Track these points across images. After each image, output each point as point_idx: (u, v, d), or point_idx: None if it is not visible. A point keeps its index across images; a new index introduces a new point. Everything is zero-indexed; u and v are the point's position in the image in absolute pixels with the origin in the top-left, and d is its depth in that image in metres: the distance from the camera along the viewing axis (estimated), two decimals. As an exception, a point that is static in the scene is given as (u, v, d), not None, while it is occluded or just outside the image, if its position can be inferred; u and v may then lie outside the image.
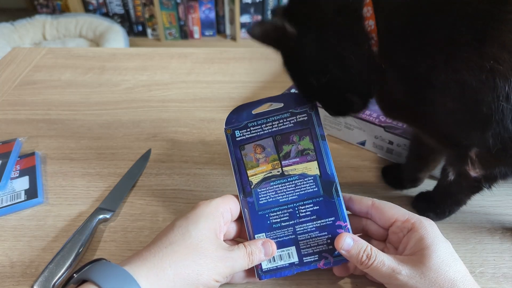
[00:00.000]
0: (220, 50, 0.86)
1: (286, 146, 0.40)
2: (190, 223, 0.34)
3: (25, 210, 0.49)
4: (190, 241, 0.33)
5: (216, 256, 0.33)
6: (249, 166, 0.40)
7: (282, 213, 0.38)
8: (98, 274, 0.30)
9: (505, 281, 0.40)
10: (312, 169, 0.39)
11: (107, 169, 0.55)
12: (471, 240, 0.45)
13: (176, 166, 0.55)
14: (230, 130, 0.41)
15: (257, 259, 0.36)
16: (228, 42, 2.25)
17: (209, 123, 0.64)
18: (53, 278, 0.39)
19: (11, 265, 0.42)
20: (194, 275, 0.32)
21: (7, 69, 0.79)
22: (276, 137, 0.40)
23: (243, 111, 0.41)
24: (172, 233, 0.34)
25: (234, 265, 0.34)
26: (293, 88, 0.63)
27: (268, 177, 0.39)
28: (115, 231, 0.46)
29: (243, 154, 0.40)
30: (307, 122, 0.40)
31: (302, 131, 0.40)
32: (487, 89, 0.31)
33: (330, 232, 0.37)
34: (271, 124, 0.40)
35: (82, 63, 0.81)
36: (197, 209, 0.36)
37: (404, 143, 0.53)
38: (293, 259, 0.37)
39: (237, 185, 0.39)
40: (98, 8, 2.24)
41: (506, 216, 0.48)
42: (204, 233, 0.34)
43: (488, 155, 0.36)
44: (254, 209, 0.38)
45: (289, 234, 0.38)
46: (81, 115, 0.65)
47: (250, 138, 0.40)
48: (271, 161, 0.40)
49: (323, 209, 0.38)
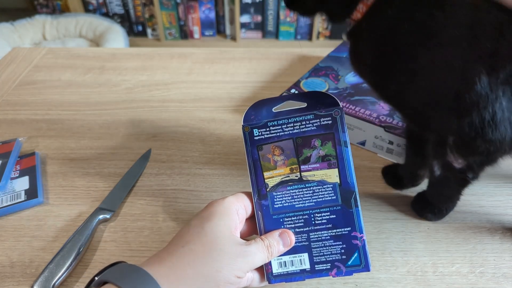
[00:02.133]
0: (220, 50, 0.86)
1: (306, 150, 0.38)
2: (204, 221, 0.34)
3: (25, 210, 0.49)
4: (206, 239, 0.33)
5: (234, 251, 0.33)
6: (266, 167, 0.38)
7: (297, 219, 0.37)
8: (118, 275, 0.30)
9: (505, 281, 0.40)
10: (332, 176, 0.37)
11: (107, 169, 0.55)
12: (471, 240, 0.45)
13: (176, 166, 0.55)
14: (248, 127, 0.38)
15: (276, 250, 0.35)
16: (228, 42, 2.25)
17: (209, 123, 0.64)
18: (53, 278, 0.39)
19: (11, 265, 0.42)
20: (213, 272, 0.32)
21: (7, 69, 0.79)
22: (296, 140, 0.38)
23: (263, 108, 0.38)
24: (187, 233, 0.34)
25: (254, 259, 0.34)
26: (294, 88, 0.63)
27: (285, 181, 0.38)
28: (115, 231, 0.46)
29: (260, 155, 0.38)
30: (331, 126, 0.37)
31: (325, 136, 0.37)
32: (472, 76, 0.31)
33: (345, 242, 0.36)
34: (293, 125, 0.38)
35: (82, 63, 0.81)
36: (210, 208, 0.35)
37: (404, 143, 0.53)
38: (305, 265, 0.37)
39: (251, 186, 0.38)
40: (98, 8, 2.24)
41: (506, 216, 0.48)
42: (220, 229, 0.34)
43: (465, 143, 0.36)
44: (268, 213, 0.37)
45: (302, 240, 0.37)
46: (81, 115, 0.66)
47: (269, 138, 0.38)
48: (289, 164, 0.38)
49: (340, 218, 0.37)
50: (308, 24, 2.15)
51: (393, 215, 0.48)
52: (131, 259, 0.43)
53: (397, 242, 0.45)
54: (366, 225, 0.46)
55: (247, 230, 0.39)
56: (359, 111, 0.57)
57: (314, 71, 0.67)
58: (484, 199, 0.50)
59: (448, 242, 0.44)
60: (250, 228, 0.39)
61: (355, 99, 0.59)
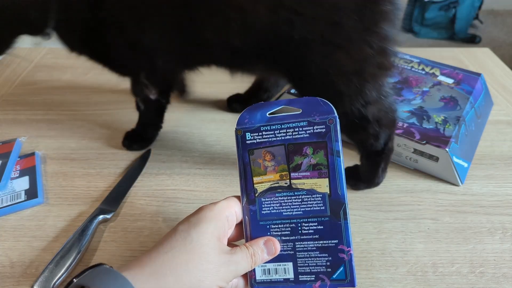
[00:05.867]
0: (220, 50, 0.85)
1: (297, 158, 0.37)
2: (192, 227, 0.33)
3: (25, 210, 0.49)
4: (192, 246, 0.32)
5: (219, 260, 0.33)
6: (256, 172, 0.37)
7: (283, 227, 0.37)
8: (96, 280, 0.30)
9: (505, 281, 0.40)
10: (322, 186, 0.36)
11: (107, 169, 0.55)
12: (471, 240, 0.45)
13: (176, 166, 0.55)
14: (241, 131, 0.38)
15: (260, 259, 0.35)
16: (228, 42, 2.24)
17: (209, 123, 0.64)
18: (53, 278, 0.39)
19: (11, 265, 0.42)
20: (196, 281, 0.31)
21: (7, 69, 0.79)
22: (288, 146, 0.37)
23: (258, 112, 0.38)
24: (173, 238, 0.33)
25: (238, 268, 0.34)
26: (292, 89, 0.63)
27: (274, 187, 0.37)
28: (115, 231, 0.46)
29: (251, 159, 0.38)
30: (324, 134, 0.36)
31: (317, 144, 0.36)
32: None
33: (331, 254, 0.35)
34: (285, 131, 0.37)
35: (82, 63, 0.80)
36: (200, 213, 0.35)
37: (404, 143, 0.53)
38: (289, 275, 0.36)
39: (241, 190, 0.38)
40: (98, 8, 2.24)
41: (506, 216, 0.48)
42: (207, 237, 0.33)
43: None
44: (255, 218, 0.37)
45: (288, 249, 0.36)
46: (81, 115, 0.66)
47: (261, 143, 0.37)
48: (279, 171, 0.37)
49: (327, 230, 0.36)
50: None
51: (393, 215, 0.48)
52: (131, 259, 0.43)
53: (397, 242, 0.44)
54: (366, 225, 0.46)
55: (235, 234, 0.38)
56: (359, 111, 0.57)
57: (314, 71, 0.67)
58: (484, 199, 0.50)
59: (448, 242, 0.44)
60: (238, 233, 0.38)
61: (355, 99, 0.59)
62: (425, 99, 0.59)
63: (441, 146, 0.50)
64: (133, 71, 0.53)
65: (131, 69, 0.54)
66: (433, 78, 0.63)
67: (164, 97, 0.56)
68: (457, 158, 0.51)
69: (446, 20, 2.34)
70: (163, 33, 0.48)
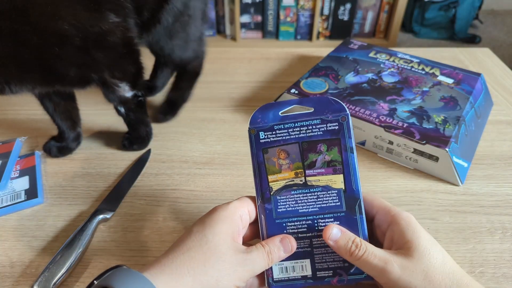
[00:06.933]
0: (220, 50, 0.86)
1: (312, 155, 0.38)
2: (206, 227, 0.34)
3: (25, 210, 0.49)
4: (207, 246, 0.33)
5: (235, 260, 0.33)
6: (270, 171, 0.38)
7: (300, 224, 0.37)
8: (118, 281, 0.30)
9: (505, 281, 0.40)
10: (337, 182, 0.37)
11: (107, 169, 0.55)
12: (471, 240, 0.45)
13: (176, 166, 0.55)
14: (254, 130, 0.38)
15: (276, 257, 0.35)
16: (228, 42, 2.25)
17: (209, 123, 0.64)
18: (53, 278, 0.39)
19: (11, 265, 0.42)
20: (213, 281, 0.31)
21: (7, 69, 0.79)
22: (302, 144, 0.38)
23: (270, 111, 0.39)
24: (189, 239, 0.33)
25: (254, 267, 0.34)
26: (293, 88, 0.63)
27: (289, 185, 0.37)
28: (115, 231, 0.46)
29: (265, 158, 0.38)
30: (338, 131, 0.37)
31: (331, 141, 0.37)
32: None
33: None
34: (299, 129, 0.38)
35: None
36: (214, 213, 0.35)
37: (404, 143, 0.53)
38: (306, 272, 0.36)
39: (255, 189, 0.38)
40: (98, 8, 2.24)
41: (506, 216, 0.48)
42: (222, 237, 0.33)
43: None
44: (271, 217, 0.37)
45: (305, 246, 0.37)
46: (81, 115, 0.65)
47: (275, 142, 0.38)
48: (294, 168, 0.38)
49: (343, 225, 0.36)
50: (308, 24, 2.15)
51: (393, 215, 0.48)
52: (131, 259, 0.43)
53: (397, 242, 0.44)
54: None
55: (249, 234, 0.38)
56: (359, 111, 0.57)
57: (314, 71, 0.67)
58: (484, 199, 0.50)
59: (448, 242, 0.44)
60: (253, 232, 0.38)
61: (355, 99, 0.59)
62: (425, 99, 0.59)
63: (441, 146, 0.50)
64: (96, 75, 0.50)
65: (90, 74, 0.50)
66: (433, 78, 0.64)
67: (138, 88, 0.54)
68: (457, 158, 0.51)
69: (446, 20, 2.34)
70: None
